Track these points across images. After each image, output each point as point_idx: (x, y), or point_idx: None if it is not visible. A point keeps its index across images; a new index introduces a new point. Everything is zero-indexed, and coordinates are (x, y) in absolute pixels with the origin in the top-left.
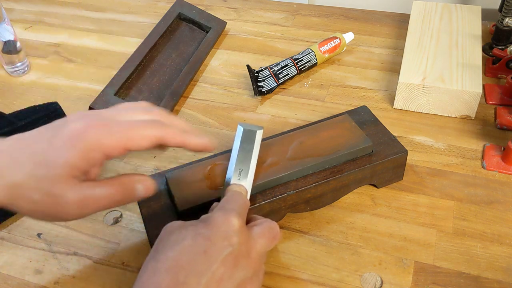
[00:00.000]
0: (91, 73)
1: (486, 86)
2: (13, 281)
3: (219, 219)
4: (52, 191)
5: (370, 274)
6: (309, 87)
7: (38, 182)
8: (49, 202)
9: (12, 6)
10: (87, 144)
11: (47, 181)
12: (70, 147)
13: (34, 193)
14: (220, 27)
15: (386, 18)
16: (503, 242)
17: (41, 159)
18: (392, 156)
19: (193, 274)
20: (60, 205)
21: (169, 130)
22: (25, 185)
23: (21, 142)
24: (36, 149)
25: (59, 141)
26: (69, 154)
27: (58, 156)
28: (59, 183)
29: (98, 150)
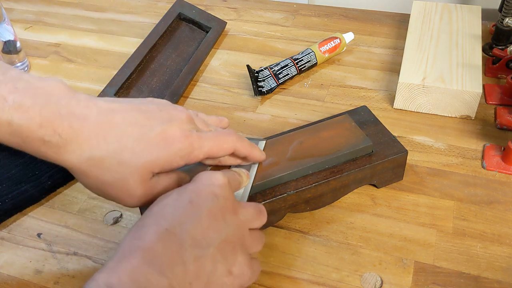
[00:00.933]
0: (91, 73)
1: (486, 86)
2: (13, 281)
3: (204, 175)
4: (126, 179)
5: (370, 274)
6: (309, 87)
7: (118, 165)
8: (117, 186)
9: (12, 6)
10: (179, 151)
11: (126, 168)
12: (163, 148)
13: (108, 174)
14: (220, 27)
15: (386, 18)
16: (503, 242)
17: (131, 145)
18: (392, 156)
19: (178, 222)
20: (125, 193)
21: (242, 142)
22: (103, 162)
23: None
24: (128, 132)
25: (155, 136)
26: (159, 154)
27: (148, 152)
28: (136, 175)
29: (186, 158)
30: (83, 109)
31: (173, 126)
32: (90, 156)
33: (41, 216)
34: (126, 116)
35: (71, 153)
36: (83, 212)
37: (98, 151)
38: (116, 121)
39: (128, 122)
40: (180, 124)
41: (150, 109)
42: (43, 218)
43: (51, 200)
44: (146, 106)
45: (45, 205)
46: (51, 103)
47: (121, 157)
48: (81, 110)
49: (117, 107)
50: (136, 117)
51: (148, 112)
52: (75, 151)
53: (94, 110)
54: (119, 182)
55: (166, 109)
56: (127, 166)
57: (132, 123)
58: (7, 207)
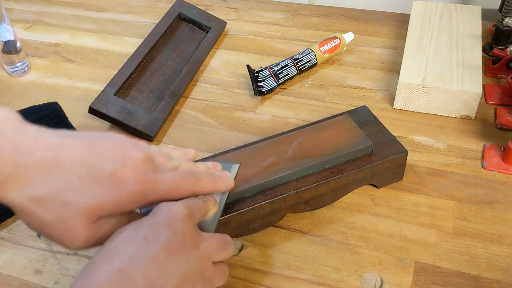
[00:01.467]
0: (91, 73)
1: (486, 86)
2: (13, 281)
3: (163, 207)
4: (69, 221)
5: (370, 274)
6: (309, 87)
7: (61, 206)
8: (59, 228)
9: (12, 6)
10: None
11: (69, 210)
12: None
13: (50, 214)
14: (220, 27)
15: (386, 18)
16: (503, 242)
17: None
18: (392, 156)
19: (131, 260)
20: (67, 236)
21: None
22: (44, 202)
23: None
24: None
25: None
26: (107, 197)
27: (95, 194)
28: (80, 217)
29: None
30: (29, 144)
31: (126, 168)
32: (31, 195)
33: None
34: (75, 154)
35: (11, 190)
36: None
37: (41, 190)
38: (64, 159)
39: (76, 160)
40: (134, 166)
41: (103, 147)
42: None
43: None
44: (99, 143)
45: None
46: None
47: (64, 197)
48: (27, 145)
49: (67, 143)
50: (86, 155)
51: (100, 150)
52: (16, 188)
53: (41, 145)
54: (61, 223)
55: (120, 148)
56: (70, 207)
57: (80, 162)
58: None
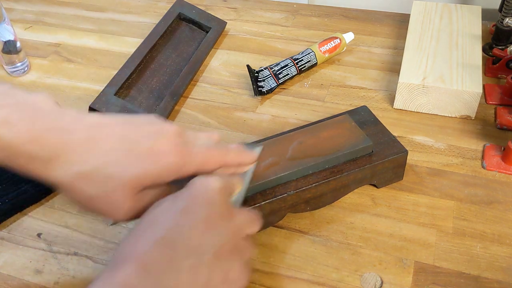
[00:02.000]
0: (91, 73)
1: (486, 86)
2: (13, 281)
3: (199, 181)
4: (113, 193)
5: (370, 274)
6: (309, 87)
7: (105, 179)
8: (104, 200)
9: (12, 6)
10: (168, 166)
11: (113, 182)
12: (151, 163)
13: (95, 188)
14: (220, 27)
15: (386, 18)
16: (503, 242)
17: (119, 159)
18: (392, 156)
19: (173, 230)
20: (112, 207)
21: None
22: (89, 176)
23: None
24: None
25: (144, 151)
26: (147, 168)
27: (136, 166)
28: (124, 188)
29: (176, 173)
30: (71, 123)
31: (163, 140)
32: (77, 171)
33: (41, 216)
34: (115, 130)
35: (58, 168)
36: (83, 212)
37: (86, 166)
38: (104, 135)
39: (116, 136)
40: (169, 138)
41: (139, 122)
42: (43, 218)
43: (51, 200)
44: (135, 120)
45: (45, 205)
46: (39, 118)
47: (108, 171)
48: (69, 125)
49: (106, 121)
50: (125, 131)
51: (137, 125)
52: (62, 166)
53: (82, 124)
54: (106, 196)
55: (155, 124)
56: (114, 179)
57: (120, 137)
58: (7, 207)
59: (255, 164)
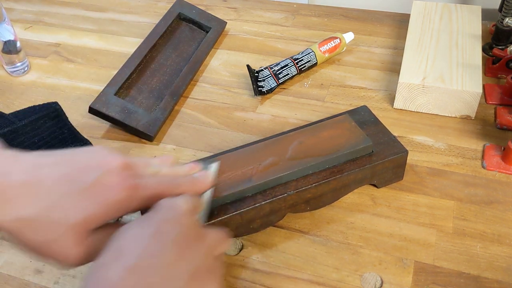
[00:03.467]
0: (91, 73)
1: (486, 86)
2: (13, 281)
3: (166, 203)
4: (60, 241)
5: (370, 274)
6: (309, 87)
7: (49, 226)
8: (51, 248)
9: (12, 6)
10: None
11: (58, 229)
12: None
13: (39, 235)
14: (220, 27)
15: (386, 18)
16: (503, 242)
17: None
18: (392, 156)
19: (144, 257)
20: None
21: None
22: (33, 222)
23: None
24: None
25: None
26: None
27: (80, 208)
28: (70, 236)
29: (124, 210)
30: (7, 166)
31: (107, 176)
32: (17, 217)
33: None
34: (55, 169)
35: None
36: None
37: (26, 211)
38: (43, 177)
39: (56, 176)
40: (114, 172)
41: (81, 159)
42: None
43: None
44: (76, 157)
45: None
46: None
47: (51, 216)
48: (6, 167)
49: (44, 162)
50: (65, 169)
51: (78, 163)
52: (1, 212)
53: (20, 166)
54: (52, 244)
55: (98, 158)
56: (58, 226)
57: (61, 176)
58: None
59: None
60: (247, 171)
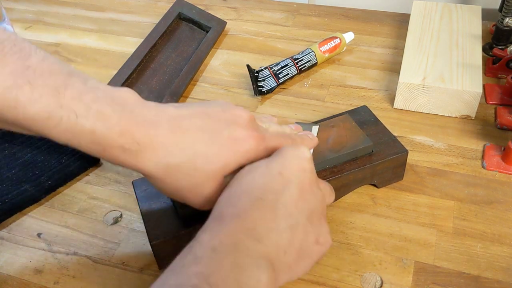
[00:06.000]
0: (91, 73)
1: (486, 86)
2: (13, 281)
3: (290, 149)
4: (202, 185)
5: (370, 274)
6: (309, 87)
7: (193, 172)
8: (193, 191)
9: (12, 6)
10: (247, 153)
11: (201, 174)
12: (232, 151)
13: (184, 180)
14: (220, 27)
15: (386, 18)
16: (503, 242)
17: (204, 151)
18: (392, 156)
19: (270, 192)
20: (201, 197)
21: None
22: (179, 169)
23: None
24: (199, 137)
25: (224, 140)
26: (229, 157)
27: (220, 157)
28: (211, 180)
29: (252, 159)
30: (155, 116)
31: (239, 128)
32: (166, 163)
33: (41, 216)
34: (195, 121)
35: (148, 160)
36: (83, 212)
37: (174, 158)
38: (186, 127)
39: (197, 127)
40: (244, 125)
41: (215, 111)
42: (43, 218)
43: (51, 200)
44: (211, 109)
45: (45, 205)
46: (128, 111)
47: (196, 163)
48: (154, 118)
49: (185, 113)
50: (204, 121)
51: (213, 115)
52: (152, 158)
53: (164, 117)
54: (195, 187)
55: (227, 110)
56: (202, 172)
57: (201, 127)
58: (7, 207)
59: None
60: None
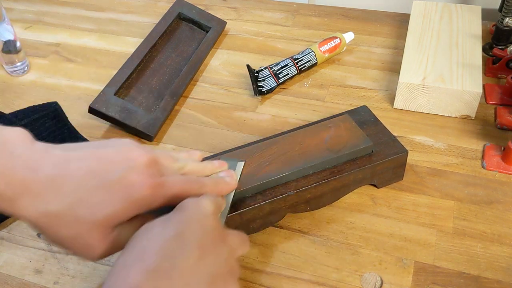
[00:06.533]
0: (91, 73)
1: (486, 86)
2: (13, 281)
3: (190, 203)
4: (85, 236)
5: (370, 274)
6: (309, 87)
7: (74, 222)
8: (76, 243)
9: (12, 6)
10: (140, 201)
11: (83, 225)
12: (121, 198)
13: (65, 230)
14: (220, 27)
15: (386, 18)
16: (503, 242)
17: (86, 198)
18: (392, 156)
19: (166, 259)
20: (86, 250)
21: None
22: (59, 218)
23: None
24: (84, 182)
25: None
26: (117, 206)
27: (105, 205)
28: (95, 232)
29: (147, 207)
30: (36, 160)
31: (132, 172)
32: (44, 211)
33: None
34: (82, 164)
35: (25, 207)
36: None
37: (52, 206)
38: (71, 172)
39: (83, 172)
40: (140, 170)
41: (107, 153)
42: None
43: None
44: (103, 150)
45: None
46: (8, 155)
47: (77, 212)
48: (34, 162)
49: (73, 156)
50: (93, 164)
51: (104, 158)
52: (28, 205)
53: (49, 160)
54: (77, 239)
55: (125, 153)
56: (84, 222)
57: (87, 172)
58: None
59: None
60: (247, 171)
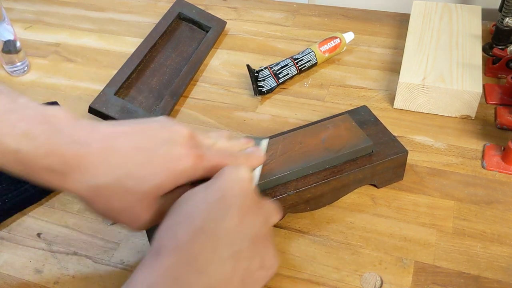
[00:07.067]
0: (91, 73)
1: (486, 86)
2: (13, 281)
3: (229, 170)
4: (133, 207)
5: (370, 274)
6: (309, 87)
7: (123, 194)
8: (124, 213)
9: (12, 6)
10: (183, 172)
11: (131, 196)
12: (167, 170)
13: (114, 202)
14: (220, 27)
15: (386, 18)
16: (503, 242)
17: (135, 171)
18: (392, 156)
19: (211, 220)
20: (133, 220)
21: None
22: (108, 190)
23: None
24: (132, 156)
25: (159, 158)
26: (163, 177)
27: (153, 177)
28: (142, 202)
29: (190, 177)
30: (86, 136)
31: (177, 146)
32: (95, 184)
33: (41, 216)
34: (129, 139)
35: (76, 181)
36: (83, 212)
37: (103, 179)
38: (119, 146)
39: (131, 146)
40: (183, 143)
41: (152, 128)
42: (43, 218)
43: (51, 200)
44: (148, 125)
45: (45, 205)
46: (57, 131)
47: (126, 184)
48: (84, 137)
49: (119, 131)
50: (139, 139)
51: (150, 132)
52: (80, 179)
53: (96, 136)
54: (125, 209)
55: (167, 127)
56: (133, 194)
57: (134, 146)
58: (7, 207)
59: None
60: None
